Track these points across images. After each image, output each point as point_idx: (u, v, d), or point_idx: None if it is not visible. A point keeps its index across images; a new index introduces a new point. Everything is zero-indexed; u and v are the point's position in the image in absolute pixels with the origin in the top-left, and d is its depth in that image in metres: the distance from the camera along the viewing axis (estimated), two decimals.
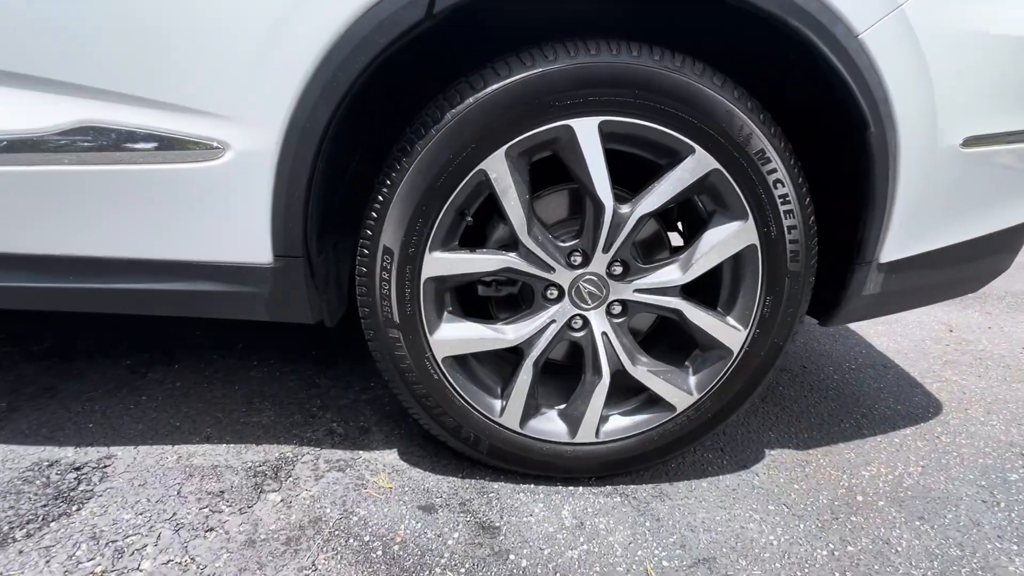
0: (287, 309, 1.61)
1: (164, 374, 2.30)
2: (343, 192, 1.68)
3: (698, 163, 1.49)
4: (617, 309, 1.69)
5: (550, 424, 1.77)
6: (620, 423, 1.77)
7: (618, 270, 1.63)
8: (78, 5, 1.31)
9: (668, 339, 1.91)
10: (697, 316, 1.65)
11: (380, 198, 1.49)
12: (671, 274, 1.62)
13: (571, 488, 1.81)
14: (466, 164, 1.46)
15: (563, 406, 1.79)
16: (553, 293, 1.65)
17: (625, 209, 1.54)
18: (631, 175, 1.64)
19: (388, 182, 1.48)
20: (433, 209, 1.49)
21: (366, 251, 1.54)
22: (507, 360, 1.81)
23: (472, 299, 1.83)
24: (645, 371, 1.70)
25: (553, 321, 1.66)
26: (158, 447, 1.88)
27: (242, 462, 1.82)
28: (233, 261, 1.53)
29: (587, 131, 1.45)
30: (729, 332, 1.67)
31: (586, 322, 1.68)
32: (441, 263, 1.55)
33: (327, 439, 1.96)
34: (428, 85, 1.52)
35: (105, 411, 2.05)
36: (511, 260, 1.57)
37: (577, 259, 1.61)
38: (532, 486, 1.80)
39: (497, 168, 1.47)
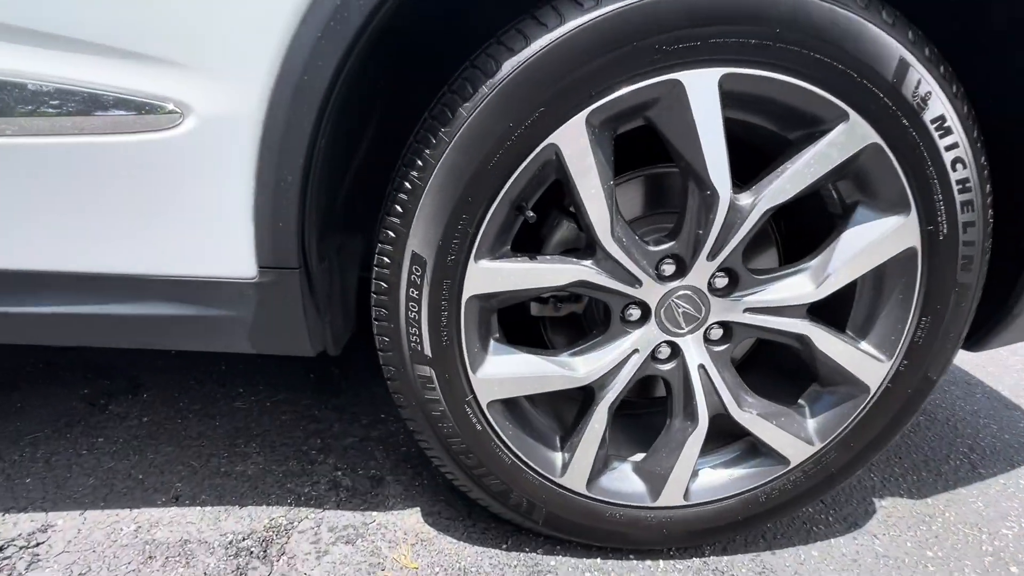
0: (278, 338, 1.15)
1: (128, 406, 1.82)
2: (354, 177, 1.21)
3: (850, 135, 1.04)
4: (717, 334, 1.23)
5: (624, 483, 1.31)
6: (714, 479, 1.32)
7: (722, 283, 1.18)
8: None
9: (765, 367, 1.46)
10: (829, 344, 1.19)
11: (408, 186, 1.03)
12: (798, 288, 1.16)
13: (648, 562, 1.35)
14: (530, 137, 1.00)
15: (639, 458, 1.34)
16: (634, 313, 1.19)
17: (744, 200, 1.08)
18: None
19: (419, 163, 1.01)
20: (481, 201, 1.03)
21: (387, 260, 1.07)
22: (567, 397, 1.34)
23: (511, 319, 1.36)
24: (755, 416, 1.24)
25: (636, 351, 1.19)
26: (112, 512, 1.40)
27: (220, 534, 1.35)
28: (201, 275, 1.06)
29: (702, 89, 0.99)
30: (867, 364, 1.21)
31: (676, 351, 1.22)
32: (491, 276, 1.08)
33: (330, 495, 1.49)
34: (483, 24, 1.04)
35: (49, 459, 1.57)
36: (587, 271, 1.10)
37: (669, 269, 1.15)
38: (599, 561, 1.34)
39: (573, 142, 1.01)
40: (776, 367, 1.44)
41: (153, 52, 0.90)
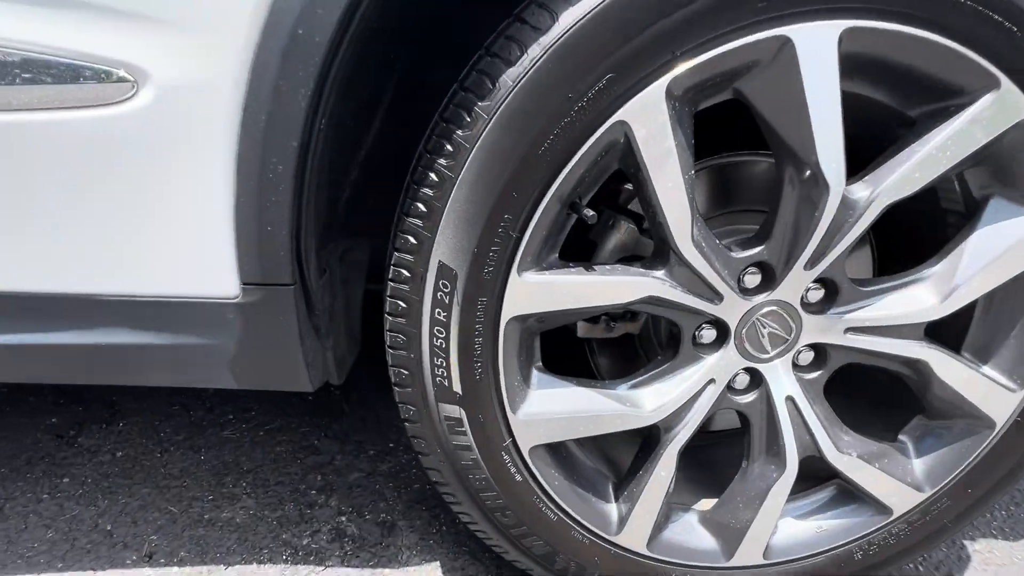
0: (268, 371, 0.91)
1: (101, 438, 1.57)
2: (363, 166, 0.97)
3: (1000, 108, 0.80)
4: (807, 358, 0.99)
5: (690, 537, 1.07)
6: (799, 532, 1.08)
7: (816, 296, 0.94)
8: None
9: (841, 393, 1.22)
10: (951, 371, 0.96)
11: (434, 177, 0.79)
12: (916, 302, 0.92)
13: None
14: (593, 112, 0.76)
15: (706, 506, 1.10)
16: (708, 335, 0.95)
17: (859, 193, 0.84)
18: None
19: (449, 147, 0.77)
20: (529, 196, 0.79)
21: (407, 272, 0.83)
22: (618, 434, 1.10)
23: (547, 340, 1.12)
24: (854, 459, 1.00)
25: (711, 381, 0.96)
26: None
27: None
28: (168, 295, 0.81)
29: (817, 48, 0.75)
30: (995, 393, 0.98)
31: (757, 380, 0.99)
32: (539, 292, 0.84)
33: (334, 548, 1.25)
34: None
35: (3, 506, 1.33)
36: (658, 284, 0.86)
37: (753, 280, 0.91)
38: None
39: (649, 120, 0.77)
40: (856, 392, 1.20)
41: None
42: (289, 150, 0.73)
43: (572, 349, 1.18)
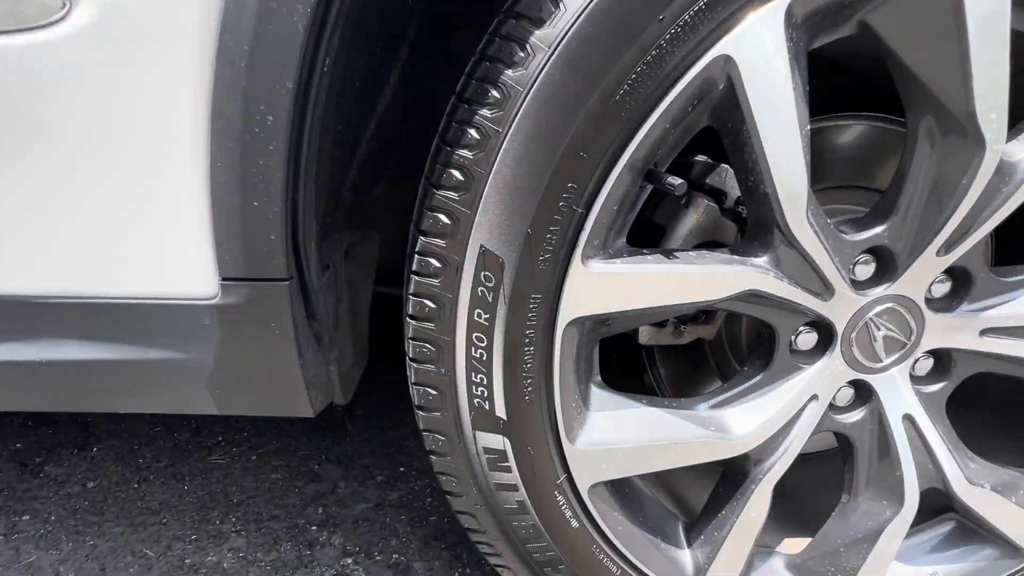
0: (256, 393, 0.71)
1: (71, 466, 1.37)
2: (373, 139, 0.77)
3: None
4: (925, 367, 0.80)
5: None
6: None
7: (942, 290, 0.75)
8: None
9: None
10: None
11: (474, 135, 0.59)
12: None
13: None
14: (688, 43, 0.56)
15: (792, 548, 0.90)
16: (808, 340, 0.75)
17: (1021, 152, 0.65)
18: None
19: (493, 94, 0.58)
20: (599, 159, 0.60)
21: (436, 262, 0.64)
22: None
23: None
24: (988, 491, 0.81)
25: (814, 397, 0.76)
26: None
27: None
28: (125, 295, 0.62)
29: None
30: None
31: (865, 394, 0.79)
32: (608, 285, 0.65)
33: None
34: None
35: None
36: (762, 275, 0.67)
37: (866, 270, 0.72)
38: None
39: (762, 54, 0.58)
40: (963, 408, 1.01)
41: None
42: (282, 95, 0.53)
43: (616, 357, 0.99)
